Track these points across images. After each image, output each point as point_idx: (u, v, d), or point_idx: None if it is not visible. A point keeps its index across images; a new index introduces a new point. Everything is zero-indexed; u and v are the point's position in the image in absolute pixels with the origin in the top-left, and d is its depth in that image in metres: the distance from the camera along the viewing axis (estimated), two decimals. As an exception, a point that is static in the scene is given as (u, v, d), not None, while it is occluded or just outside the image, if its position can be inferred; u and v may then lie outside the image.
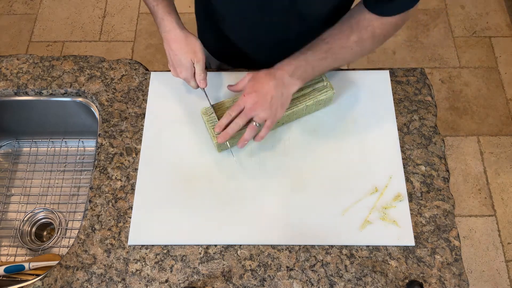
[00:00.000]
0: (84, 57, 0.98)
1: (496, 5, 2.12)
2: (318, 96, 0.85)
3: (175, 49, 0.81)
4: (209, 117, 0.83)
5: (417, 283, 0.68)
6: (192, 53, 0.80)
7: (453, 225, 0.80)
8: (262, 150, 0.86)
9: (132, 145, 0.88)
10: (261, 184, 0.83)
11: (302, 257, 0.78)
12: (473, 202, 1.69)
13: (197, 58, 0.81)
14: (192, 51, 0.80)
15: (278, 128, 0.88)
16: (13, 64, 0.97)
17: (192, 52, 0.80)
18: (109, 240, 0.79)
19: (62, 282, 0.77)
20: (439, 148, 0.87)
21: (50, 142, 1.11)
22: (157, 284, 0.76)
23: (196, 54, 0.81)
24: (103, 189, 0.84)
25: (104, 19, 2.11)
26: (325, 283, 0.75)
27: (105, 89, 0.94)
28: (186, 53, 0.80)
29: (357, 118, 0.90)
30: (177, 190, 0.83)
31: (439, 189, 0.83)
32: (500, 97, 1.89)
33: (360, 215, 0.80)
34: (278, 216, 0.80)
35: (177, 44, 0.80)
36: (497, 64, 1.97)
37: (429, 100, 0.92)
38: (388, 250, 0.78)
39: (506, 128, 1.83)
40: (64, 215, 1.04)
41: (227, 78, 0.94)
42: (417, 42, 2.02)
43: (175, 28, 0.81)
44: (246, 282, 0.76)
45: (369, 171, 0.84)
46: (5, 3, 2.16)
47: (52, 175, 1.08)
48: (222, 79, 0.94)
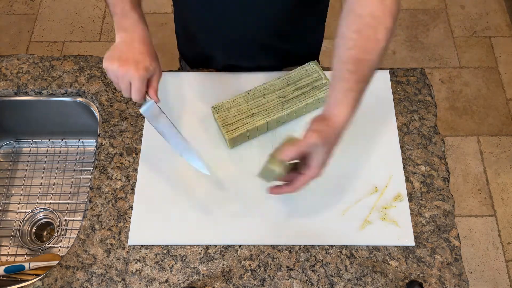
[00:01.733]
0: (84, 57, 0.98)
1: (496, 5, 2.12)
2: (318, 94, 0.85)
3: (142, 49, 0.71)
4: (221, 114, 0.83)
5: (417, 283, 0.68)
6: (157, 63, 0.72)
7: (453, 225, 0.80)
8: (262, 150, 0.86)
9: (132, 145, 0.88)
10: (261, 184, 0.83)
11: (302, 257, 0.78)
12: (473, 202, 1.69)
13: (159, 73, 0.73)
14: (157, 62, 0.72)
15: (278, 127, 0.88)
16: (13, 64, 0.97)
17: (157, 62, 0.72)
18: (109, 240, 0.79)
19: (62, 282, 0.77)
20: (439, 148, 0.87)
21: (50, 142, 1.11)
22: (157, 284, 0.76)
23: (159, 67, 0.73)
24: (103, 189, 0.84)
25: (104, 19, 2.11)
26: (325, 283, 0.75)
27: (105, 89, 0.94)
28: (153, 58, 0.71)
29: (357, 118, 0.89)
30: (177, 190, 0.83)
31: (439, 189, 0.83)
32: (500, 97, 1.89)
33: (360, 215, 0.80)
34: (278, 216, 0.80)
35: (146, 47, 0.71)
36: (497, 64, 1.97)
37: (429, 100, 0.92)
38: (388, 250, 0.78)
39: (506, 128, 1.83)
40: (64, 215, 1.04)
41: (227, 78, 0.94)
42: (417, 42, 2.02)
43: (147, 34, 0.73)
44: (246, 282, 0.76)
45: (369, 171, 0.84)
46: (5, 3, 2.16)
47: (52, 175, 1.08)
48: (223, 79, 0.94)
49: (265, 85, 0.87)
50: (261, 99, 0.85)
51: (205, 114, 0.89)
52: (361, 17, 0.64)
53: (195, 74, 0.95)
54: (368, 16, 0.64)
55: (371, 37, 0.64)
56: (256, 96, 0.85)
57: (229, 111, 0.84)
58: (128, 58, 0.68)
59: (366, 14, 0.64)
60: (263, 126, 0.84)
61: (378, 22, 0.64)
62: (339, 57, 0.65)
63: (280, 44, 0.92)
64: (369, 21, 0.64)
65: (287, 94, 0.85)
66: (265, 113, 0.84)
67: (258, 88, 0.86)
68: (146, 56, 0.69)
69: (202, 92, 0.92)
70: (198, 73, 0.95)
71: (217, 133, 0.88)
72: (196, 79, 0.94)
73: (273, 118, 0.83)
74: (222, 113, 0.84)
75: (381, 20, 0.64)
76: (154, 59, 0.71)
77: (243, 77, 0.93)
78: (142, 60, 0.68)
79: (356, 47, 0.64)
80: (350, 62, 0.64)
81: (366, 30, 0.64)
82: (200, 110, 0.90)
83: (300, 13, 0.86)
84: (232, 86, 0.92)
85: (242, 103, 0.85)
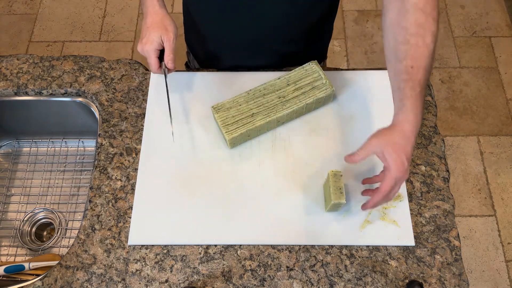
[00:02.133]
0: (84, 57, 0.98)
1: (496, 5, 2.12)
2: (318, 94, 0.85)
3: (149, 22, 0.79)
4: (221, 114, 0.83)
5: (417, 283, 0.68)
6: (163, 29, 0.78)
7: (453, 225, 0.80)
8: (262, 150, 0.86)
9: (132, 145, 0.88)
10: (261, 184, 0.83)
11: (302, 257, 0.78)
12: (473, 202, 1.69)
13: (167, 36, 0.78)
14: (164, 28, 0.79)
15: (278, 127, 0.88)
16: (13, 64, 0.97)
17: (164, 28, 0.79)
18: (109, 240, 0.79)
19: (62, 282, 0.77)
20: (439, 148, 0.87)
21: (50, 142, 1.11)
22: (157, 284, 0.76)
23: (167, 31, 0.79)
24: (103, 189, 0.84)
25: (104, 19, 2.11)
26: (325, 283, 0.75)
27: (105, 89, 0.94)
28: (157, 27, 0.78)
29: (357, 118, 0.90)
30: (177, 190, 0.83)
31: (439, 189, 0.83)
32: (500, 97, 1.89)
33: (360, 215, 0.80)
34: (278, 216, 0.80)
35: (152, 18, 0.79)
36: (497, 64, 1.97)
37: (429, 100, 0.92)
38: (388, 250, 0.78)
39: (506, 128, 1.83)
40: (64, 215, 1.04)
41: (227, 78, 0.94)
42: (417, 42, 2.02)
43: (155, 5, 0.80)
44: (246, 282, 0.76)
45: (369, 171, 0.84)
46: (5, 3, 2.16)
47: (52, 175, 1.08)
48: (222, 79, 0.94)
49: (265, 85, 0.87)
50: (261, 99, 0.85)
51: (205, 114, 0.89)
52: (407, 28, 0.67)
53: (195, 74, 0.95)
54: (413, 26, 0.67)
55: (420, 44, 0.67)
56: (256, 96, 0.85)
57: (229, 111, 0.84)
58: (141, 38, 0.79)
59: (410, 25, 0.67)
60: (263, 126, 0.84)
61: (424, 28, 0.67)
62: (394, 70, 0.69)
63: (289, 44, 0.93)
64: (416, 31, 0.67)
65: (287, 94, 0.85)
66: (265, 113, 0.84)
67: (258, 88, 0.86)
68: (151, 29, 0.78)
69: (202, 92, 0.92)
70: (198, 73, 0.95)
71: (217, 133, 0.88)
72: (196, 79, 0.94)
73: (273, 118, 0.83)
74: (222, 113, 0.84)
75: (426, 26, 0.67)
76: (159, 27, 0.78)
77: (243, 77, 0.93)
78: (147, 34, 0.78)
79: (407, 57, 0.67)
80: (403, 72, 0.67)
81: (414, 39, 0.67)
82: (200, 110, 0.90)
83: (309, 16, 0.87)
84: (232, 86, 0.92)
85: (242, 103, 0.85)
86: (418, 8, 0.67)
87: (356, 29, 2.06)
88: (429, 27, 0.67)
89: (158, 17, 0.79)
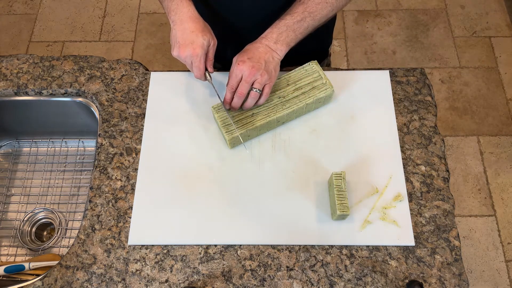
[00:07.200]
0: (84, 57, 0.98)
1: (496, 5, 2.12)
2: (317, 94, 0.85)
3: (192, 27, 0.77)
4: (221, 114, 0.83)
5: (417, 283, 0.68)
6: (210, 34, 0.79)
7: (453, 225, 0.80)
8: (262, 150, 0.86)
9: (132, 145, 0.88)
10: (261, 184, 0.83)
11: (302, 257, 0.78)
12: (473, 202, 1.69)
13: (214, 41, 0.80)
14: (209, 33, 0.79)
15: (278, 127, 0.88)
16: (13, 64, 0.97)
17: (210, 33, 0.79)
18: (109, 240, 0.79)
19: (62, 282, 0.77)
20: (439, 148, 0.87)
21: (50, 142, 1.11)
22: (157, 284, 0.76)
23: (213, 37, 0.80)
24: (103, 189, 0.84)
25: (104, 19, 2.11)
26: (325, 283, 0.75)
27: (105, 89, 0.94)
28: (204, 32, 0.77)
29: (357, 118, 0.90)
30: (177, 190, 0.83)
31: (439, 189, 0.83)
32: (500, 97, 1.89)
33: (360, 215, 0.80)
34: (278, 216, 0.80)
35: (194, 24, 0.77)
36: (497, 64, 1.97)
37: (429, 100, 0.92)
38: (388, 250, 0.78)
39: (506, 128, 1.83)
40: (64, 215, 1.04)
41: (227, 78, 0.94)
42: (417, 42, 2.02)
43: (191, 10, 0.79)
44: (246, 282, 0.76)
45: (369, 171, 0.84)
46: (5, 3, 2.16)
47: (52, 175, 1.08)
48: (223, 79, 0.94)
49: (265, 85, 0.87)
50: (261, 99, 0.85)
51: (205, 114, 0.89)
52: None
53: (195, 74, 0.95)
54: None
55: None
56: (256, 96, 0.85)
57: (229, 111, 0.84)
58: (184, 42, 0.76)
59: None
60: (263, 126, 0.84)
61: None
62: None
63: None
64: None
65: (287, 94, 0.85)
66: (265, 113, 0.84)
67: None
68: (198, 33, 0.76)
69: (202, 92, 0.92)
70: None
71: (217, 133, 0.88)
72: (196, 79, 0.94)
73: (273, 118, 0.83)
74: (222, 113, 0.84)
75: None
76: (205, 32, 0.78)
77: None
78: (195, 38, 0.76)
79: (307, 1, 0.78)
80: (297, 4, 0.79)
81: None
82: (200, 110, 0.90)
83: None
84: (232, 86, 0.92)
85: None
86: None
87: (356, 29, 2.06)
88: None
89: (201, 22, 0.78)
